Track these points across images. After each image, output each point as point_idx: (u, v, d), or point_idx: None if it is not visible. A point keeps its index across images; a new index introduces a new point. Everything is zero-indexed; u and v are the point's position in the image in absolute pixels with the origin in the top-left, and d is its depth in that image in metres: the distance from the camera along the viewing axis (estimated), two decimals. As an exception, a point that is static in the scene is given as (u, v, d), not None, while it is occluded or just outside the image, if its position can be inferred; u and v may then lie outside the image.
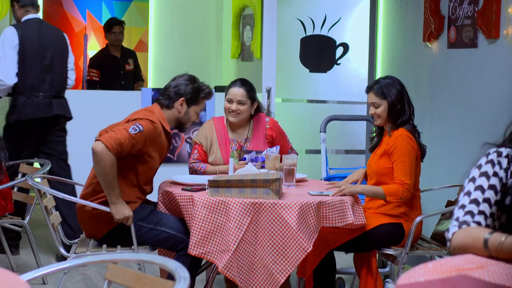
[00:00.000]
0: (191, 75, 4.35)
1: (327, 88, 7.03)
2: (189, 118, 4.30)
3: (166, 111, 4.25)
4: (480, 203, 2.22)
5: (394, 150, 4.23)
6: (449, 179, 5.16)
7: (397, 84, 4.35)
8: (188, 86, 4.26)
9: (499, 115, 4.84)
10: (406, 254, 4.20)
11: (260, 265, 3.82)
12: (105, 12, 8.70)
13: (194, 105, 4.28)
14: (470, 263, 2.03)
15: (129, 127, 3.97)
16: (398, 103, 4.30)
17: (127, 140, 3.93)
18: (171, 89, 4.26)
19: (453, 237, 2.19)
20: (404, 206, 4.31)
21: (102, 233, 4.16)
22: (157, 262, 2.27)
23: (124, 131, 3.95)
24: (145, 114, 4.12)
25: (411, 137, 4.26)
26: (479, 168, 2.29)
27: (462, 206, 2.24)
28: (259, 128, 4.76)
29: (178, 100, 4.24)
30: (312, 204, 3.85)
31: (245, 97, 4.66)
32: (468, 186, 2.28)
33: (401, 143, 4.23)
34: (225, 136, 4.73)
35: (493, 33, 4.86)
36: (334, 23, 6.91)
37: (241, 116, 4.69)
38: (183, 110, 4.25)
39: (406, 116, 4.30)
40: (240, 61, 8.91)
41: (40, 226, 6.58)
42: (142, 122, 4.03)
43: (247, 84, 4.72)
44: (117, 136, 3.92)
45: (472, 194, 2.25)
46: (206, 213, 3.83)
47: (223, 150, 4.68)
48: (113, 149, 3.89)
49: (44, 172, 4.88)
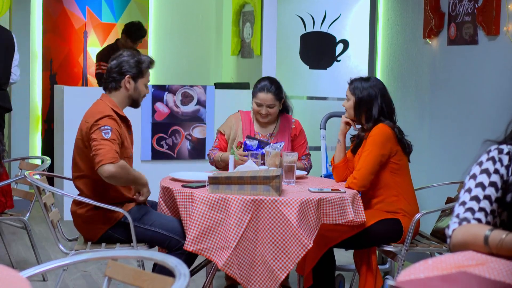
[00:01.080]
0: (129, 51, 4.32)
1: (327, 84, 7.02)
2: (139, 92, 4.26)
3: (114, 93, 4.22)
4: (480, 200, 2.22)
5: (367, 141, 4.27)
6: (449, 176, 5.16)
7: (375, 87, 4.37)
8: (130, 61, 4.22)
9: (499, 112, 4.84)
10: (406, 250, 4.20)
11: (260, 262, 3.82)
12: (105, 9, 8.69)
13: (140, 78, 4.24)
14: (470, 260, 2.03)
15: (101, 135, 3.97)
16: (365, 104, 4.32)
17: (113, 145, 3.96)
18: (113, 69, 4.22)
19: (453, 234, 2.19)
20: (400, 201, 4.32)
21: (99, 234, 4.16)
22: (156, 259, 2.27)
23: (103, 141, 3.95)
24: (99, 112, 4.06)
25: (388, 131, 4.26)
26: (480, 165, 2.29)
27: (462, 203, 2.24)
28: (286, 126, 4.81)
29: (124, 79, 4.20)
30: (312, 201, 3.85)
31: (274, 101, 4.69)
32: (469, 183, 2.28)
33: (376, 135, 4.26)
34: (251, 128, 4.78)
35: (493, 29, 4.85)
36: (334, 19, 6.90)
37: (272, 117, 4.75)
38: (131, 87, 4.22)
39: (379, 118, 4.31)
40: (240, 58, 8.90)
41: (41, 223, 6.58)
42: (103, 122, 4.01)
43: (274, 85, 4.72)
44: (106, 149, 3.93)
45: (472, 191, 2.25)
46: (205, 209, 3.82)
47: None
48: (116, 159, 3.93)
49: (44, 169, 4.87)
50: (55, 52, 8.42)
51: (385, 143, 4.26)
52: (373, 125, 4.32)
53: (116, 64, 4.22)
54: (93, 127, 4.02)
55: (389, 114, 4.37)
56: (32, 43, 8.10)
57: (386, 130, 4.27)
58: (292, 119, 4.86)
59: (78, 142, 4.14)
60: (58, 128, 7.27)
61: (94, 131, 4.01)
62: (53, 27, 8.42)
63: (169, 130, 6.92)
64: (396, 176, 4.32)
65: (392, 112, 4.40)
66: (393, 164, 4.30)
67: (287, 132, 4.80)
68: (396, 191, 4.32)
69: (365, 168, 4.23)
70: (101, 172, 3.92)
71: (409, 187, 4.39)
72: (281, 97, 4.73)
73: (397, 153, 4.30)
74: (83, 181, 4.16)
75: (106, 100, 4.19)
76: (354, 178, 4.23)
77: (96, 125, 4.01)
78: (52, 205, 4.37)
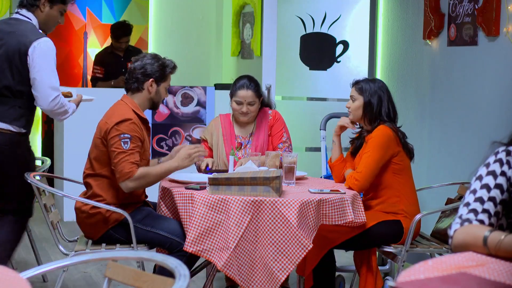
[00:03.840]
0: (152, 53, 4.33)
1: (327, 85, 7.02)
2: (160, 96, 4.27)
3: (136, 95, 4.23)
4: (485, 201, 2.22)
5: (368, 142, 4.27)
6: (449, 177, 5.16)
7: (381, 88, 4.37)
8: (154, 65, 4.22)
9: (499, 113, 4.84)
10: (406, 251, 4.20)
11: (260, 263, 3.81)
12: (105, 10, 8.70)
13: (162, 82, 4.25)
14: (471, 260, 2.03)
15: (120, 146, 4.00)
16: (373, 104, 4.32)
17: (129, 156, 4.00)
18: (137, 71, 4.21)
19: (454, 234, 2.19)
20: (401, 202, 4.32)
21: (99, 234, 4.17)
22: (157, 260, 2.27)
23: (120, 155, 4.00)
24: (120, 115, 4.08)
25: (389, 132, 4.26)
26: (487, 167, 2.29)
27: (466, 204, 2.25)
28: (262, 121, 4.80)
29: (147, 81, 4.20)
30: (312, 202, 3.85)
31: (254, 98, 4.69)
32: (474, 184, 2.28)
33: (377, 137, 4.26)
34: (231, 131, 4.76)
35: (493, 30, 4.85)
36: (334, 20, 6.91)
37: (252, 115, 4.73)
38: (153, 90, 4.22)
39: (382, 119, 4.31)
40: (240, 58, 8.90)
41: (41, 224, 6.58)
42: (123, 127, 4.02)
43: (253, 83, 4.73)
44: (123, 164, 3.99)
45: (477, 192, 2.25)
46: (205, 210, 3.82)
47: (227, 146, 4.71)
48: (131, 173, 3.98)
49: (44, 170, 4.87)
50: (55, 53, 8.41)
51: (386, 144, 4.25)
52: (376, 126, 4.32)
53: (140, 65, 4.21)
54: (113, 131, 4.03)
55: (393, 115, 4.38)
56: (32, 44, 8.09)
57: (387, 132, 4.26)
58: (269, 110, 4.85)
59: (96, 140, 4.15)
60: (58, 129, 7.27)
61: (113, 137, 4.03)
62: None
63: (169, 131, 6.92)
64: (398, 176, 4.32)
65: (395, 113, 4.40)
66: (395, 165, 4.30)
67: (264, 126, 4.78)
68: (397, 192, 4.32)
69: (365, 171, 4.22)
70: (123, 188, 4.04)
71: (411, 188, 4.39)
72: (260, 94, 4.73)
73: (399, 154, 4.30)
74: (95, 179, 4.17)
75: (127, 101, 4.20)
76: (355, 180, 4.23)
77: (116, 130, 4.03)
78: (52, 206, 4.37)
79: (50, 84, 4.29)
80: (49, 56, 4.34)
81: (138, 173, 4.00)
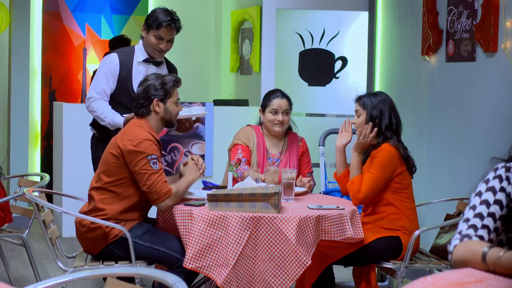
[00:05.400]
0: (151, 74, 4.35)
1: (326, 101, 7.03)
2: (170, 112, 4.29)
3: (148, 118, 4.26)
4: (484, 217, 2.23)
5: (373, 162, 4.27)
6: (448, 193, 5.16)
7: (385, 101, 4.38)
8: (155, 85, 4.24)
9: (498, 129, 4.85)
10: (405, 267, 4.20)
11: (259, 279, 3.81)
12: (104, 26, 8.72)
13: (168, 98, 4.27)
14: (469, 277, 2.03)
15: (150, 167, 4.06)
16: (376, 117, 4.32)
17: (162, 176, 4.09)
18: (140, 96, 4.25)
19: (454, 250, 2.19)
20: (401, 219, 4.32)
21: (98, 249, 4.16)
22: (155, 276, 2.27)
23: (153, 176, 4.07)
24: (141, 136, 4.12)
25: (393, 152, 4.27)
26: (487, 183, 2.29)
27: (466, 219, 2.25)
28: (293, 143, 4.81)
29: (152, 103, 4.23)
30: (311, 218, 3.85)
31: (288, 106, 4.73)
32: (474, 200, 2.28)
33: (381, 157, 4.26)
34: (263, 144, 4.76)
35: (491, 46, 4.87)
36: (333, 36, 6.93)
37: (286, 126, 4.76)
38: (161, 109, 4.24)
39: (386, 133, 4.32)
40: (239, 74, 8.92)
41: (39, 240, 6.57)
42: (148, 149, 4.07)
43: (285, 94, 4.79)
44: (159, 184, 4.06)
45: (477, 208, 2.25)
46: (204, 227, 3.82)
47: (259, 157, 4.70)
48: (169, 193, 4.07)
49: (43, 186, 4.87)
50: (55, 69, 8.44)
51: (390, 165, 4.26)
52: (382, 141, 4.32)
53: (142, 90, 4.25)
54: (138, 154, 4.07)
55: (397, 128, 4.38)
56: (32, 59, 8.12)
57: (391, 152, 4.27)
58: (299, 136, 4.88)
59: (108, 155, 4.16)
60: (57, 145, 7.27)
61: (140, 159, 4.06)
62: (52, 44, 8.45)
63: (168, 147, 6.92)
64: (398, 195, 4.32)
65: (400, 125, 4.41)
66: (397, 184, 4.31)
67: (295, 149, 4.80)
68: (397, 209, 4.32)
69: (367, 190, 4.23)
70: (162, 207, 4.12)
71: (411, 205, 4.39)
72: (291, 105, 4.77)
73: (402, 173, 4.31)
74: (100, 192, 4.16)
75: (143, 123, 4.24)
76: (362, 193, 4.23)
77: (142, 153, 4.06)
78: (51, 222, 4.37)
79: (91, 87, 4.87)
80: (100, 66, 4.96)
81: (174, 190, 4.08)
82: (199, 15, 9.45)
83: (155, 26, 4.83)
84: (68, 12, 8.51)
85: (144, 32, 4.89)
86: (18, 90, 7.78)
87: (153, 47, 4.87)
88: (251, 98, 7.65)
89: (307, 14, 7.03)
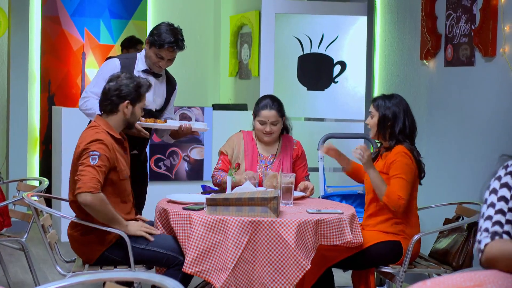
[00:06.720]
0: (126, 73, 4.25)
1: (325, 106, 7.04)
2: (135, 116, 4.22)
3: (111, 117, 4.16)
4: (506, 212, 2.24)
5: (394, 165, 4.25)
6: (447, 197, 5.16)
7: (397, 104, 4.37)
8: (130, 86, 4.15)
9: (496, 133, 4.85)
10: (404, 272, 4.20)
11: (258, 283, 3.81)
12: (103, 31, 8.72)
13: (138, 102, 4.19)
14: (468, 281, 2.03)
15: (88, 161, 3.94)
16: (389, 119, 4.33)
17: (97, 172, 3.93)
18: (112, 92, 4.14)
19: (486, 248, 2.18)
20: (402, 223, 4.31)
21: (96, 256, 4.14)
22: (155, 281, 2.27)
23: (88, 168, 3.93)
24: (91, 135, 4.03)
25: (409, 155, 4.27)
26: (499, 180, 2.30)
27: (488, 217, 2.25)
28: (287, 146, 4.82)
29: (123, 103, 4.14)
30: (310, 222, 3.85)
31: (277, 117, 4.71)
32: (490, 197, 2.29)
33: (401, 160, 4.25)
34: (253, 149, 4.76)
35: (490, 51, 4.88)
36: (332, 41, 6.93)
37: (275, 135, 4.75)
38: (129, 112, 4.16)
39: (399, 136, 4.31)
40: (238, 79, 8.93)
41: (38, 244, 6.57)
42: (92, 147, 3.98)
43: (276, 102, 4.74)
44: (89, 176, 3.91)
45: (496, 205, 2.26)
46: (203, 231, 3.82)
47: (248, 162, 4.70)
48: (96, 189, 3.90)
49: (42, 191, 4.87)
50: (53, 74, 8.44)
51: (412, 165, 4.27)
52: (395, 144, 4.32)
53: (115, 86, 4.15)
54: (83, 152, 4.00)
55: (410, 132, 4.38)
56: (31, 64, 8.12)
57: (408, 153, 4.27)
58: (294, 140, 4.87)
59: (73, 166, 4.11)
60: (56, 150, 7.27)
61: (84, 154, 3.99)
62: (51, 48, 8.45)
63: (167, 151, 6.92)
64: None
65: (414, 130, 4.41)
66: None
67: (289, 152, 4.80)
68: (400, 215, 4.31)
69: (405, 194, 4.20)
70: (79, 199, 3.92)
71: (414, 210, 4.39)
72: (283, 113, 4.75)
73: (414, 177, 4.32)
74: (77, 205, 4.07)
75: (100, 123, 4.15)
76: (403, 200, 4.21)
77: (86, 149, 3.98)
78: (50, 227, 4.37)
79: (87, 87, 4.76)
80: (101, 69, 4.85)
81: (100, 195, 3.93)
82: (198, 20, 9.47)
83: (157, 45, 4.67)
84: (67, 17, 8.51)
85: (147, 45, 4.74)
86: (17, 94, 7.79)
87: (152, 63, 4.78)
88: (249, 103, 7.65)
89: (306, 19, 7.04)
